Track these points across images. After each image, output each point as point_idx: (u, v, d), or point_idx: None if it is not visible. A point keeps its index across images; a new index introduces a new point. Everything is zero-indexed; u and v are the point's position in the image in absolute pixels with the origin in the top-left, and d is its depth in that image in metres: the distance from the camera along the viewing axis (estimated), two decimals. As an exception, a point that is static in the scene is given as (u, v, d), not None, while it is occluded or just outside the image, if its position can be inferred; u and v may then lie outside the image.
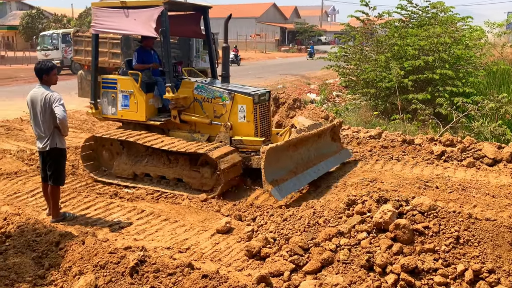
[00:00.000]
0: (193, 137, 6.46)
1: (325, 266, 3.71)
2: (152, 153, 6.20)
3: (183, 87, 6.55)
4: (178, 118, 6.46)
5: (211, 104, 6.43)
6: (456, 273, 3.44)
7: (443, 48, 12.01)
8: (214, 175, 5.76)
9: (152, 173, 6.23)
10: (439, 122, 10.03)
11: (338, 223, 4.06)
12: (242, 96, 6.24)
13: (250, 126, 6.23)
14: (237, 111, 6.26)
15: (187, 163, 5.98)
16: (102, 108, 6.90)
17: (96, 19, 6.53)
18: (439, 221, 3.82)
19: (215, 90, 6.39)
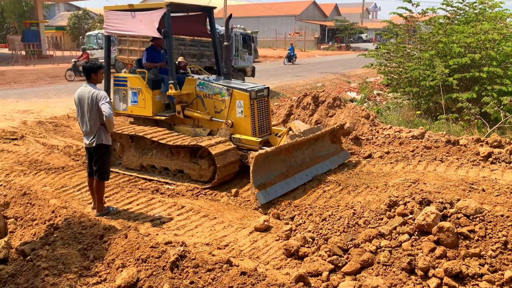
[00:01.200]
0: (196, 131, 6.82)
1: (364, 267, 3.65)
2: (157, 146, 6.56)
3: (186, 84, 6.92)
4: (182, 113, 6.85)
5: (211, 100, 6.77)
6: (504, 279, 3.30)
7: (491, 45, 11.52)
8: (211, 167, 6.10)
9: (157, 165, 6.62)
10: (485, 122, 9.63)
11: (378, 225, 3.99)
12: (239, 92, 6.52)
13: (247, 121, 6.50)
14: (236, 107, 6.56)
15: (187, 156, 6.34)
16: (115, 104, 7.26)
17: (108, 21, 6.93)
18: (485, 225, 3.68)
19: (215, 86, 6.71)
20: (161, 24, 6.34)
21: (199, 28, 7.83)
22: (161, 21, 6.33)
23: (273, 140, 6.80)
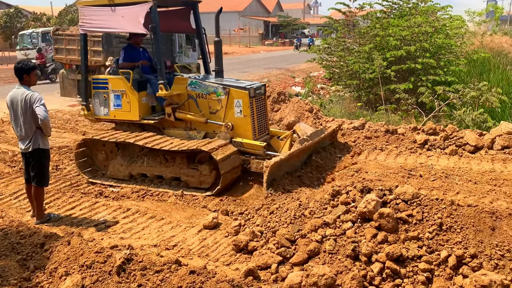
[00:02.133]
0: (189, 134, 6.37)
1: (311, 257, 3.75)
2: (148, 153, 6.10)
3: (176, 84, 6.42)
4: (173, 116, 6.34)
5: (206, 100, 6.32)
6: (440, 259, 3.50)
7: (424, 37, 12.12)
8: (213, 172, 5.72)
9: (148, 173, 6.16)
10: (421, 112, 10.15)
11: (323, 214, 4.10)
12: (237, 91, 6.14)
13: (247, 121, 6.12)
14: (233, 106, 6.16)
15: (184, 162, 5.90)
16: (94, 109, 6.72)
17: (83, 18, 6.38)
18: (422, 209, 3.88)
19: (209, 85, 6.28)
20: (146, 19, 5.87)
21: (183, 23, 7.30)
22: (146, 16, 5.84)
23: (275, 143, 6.51)
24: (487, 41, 19.62)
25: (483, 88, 9.48)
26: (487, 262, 3.45)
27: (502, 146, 6.86)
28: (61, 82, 13.64)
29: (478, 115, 8.86)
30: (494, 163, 6.49)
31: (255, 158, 6.00)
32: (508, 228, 3.69)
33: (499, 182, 5.81)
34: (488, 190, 5.49)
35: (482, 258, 3.49)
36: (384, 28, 12.50)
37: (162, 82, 6.12)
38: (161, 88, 6.13)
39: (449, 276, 3.40)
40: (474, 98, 9.40)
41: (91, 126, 9.84)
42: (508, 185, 5.71)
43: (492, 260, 3.46)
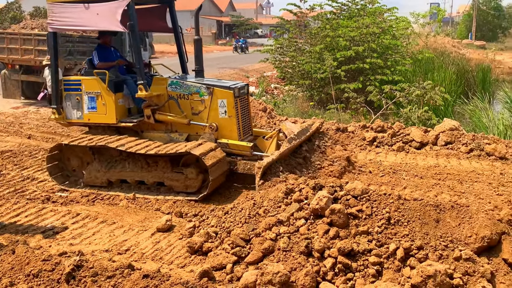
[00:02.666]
0: (171, 137, 6.10)
1: (266, 255, 3.78)
2: (128, 158, 5.79)
3: (155, 85, 6.14)
4: (153, 118, 6.06)
5: (188, 101, 6.08)
6: (389, 252, 3.62)
7: (372, 38, 12.56)
8: (200, 176, 5.52)
9: (129, 179, 5.84)
10: (370, 110, 10.50)
11: (277, 212, 4.14)
12: (221, 90, 5.96)
13: (232, 121, 5.94)
14: (217, 107, 5.96)
15: (168, 165, 5.64)
16: (66, 112, 6.31)
17: (53, 15, 5.96)
18: (371, 204, 4.00)
19: (192, 85, 6.05)
20: (123, 17, 5.57)
21: (158, 22, 7.02)
22: (122, 14, 5.54)
23: (260, 143, 6.29)
24: (431, 41, 20.59)
25: (427, 87, 9.95)
26: (432, 253, 3.60)
27: (445, 142, 7.21)
28: (3, 83, 12.95)
29: (423, 113, 9.29)
30: (438, 158, 6.82)
31: (241, 159, 5.86)
32: (451, 220, 3.88)
33: (443, 176, 6.12)
34: (433, 184, 5.77)
35: (427, 249, 3.64)
36: (334, 29, 12.84)
37: (141, 83, 5.83)
38: (141, 88, 5.84)
39: (398, 268, 3.53)
40: (419, 97, 9.84)
41: (36, 129, 9.42)
42: (451, 179, 6.03)
43: (437, 251, 3.63)
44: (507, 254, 3.59)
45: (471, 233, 3.70)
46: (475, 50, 27.33)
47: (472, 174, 6.14)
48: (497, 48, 30.99)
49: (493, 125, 9.61)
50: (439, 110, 10.63)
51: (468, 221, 3.81)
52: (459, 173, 6.18)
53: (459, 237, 3.73)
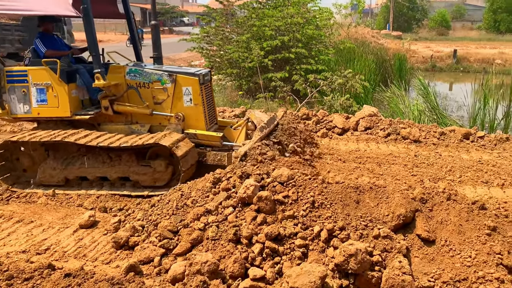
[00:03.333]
0: (132, 129, 5.79)
1: (195, 245, 3.76)
2: (88, 153, 5.43)
3: (111, 73, 5.76)
4: (111, 109, 5.70)
5: (149, 90, 5.76)
6: (314, 234, 3.76)
7: (297, 28, 12.82)
8: (169, 168, 5.30)
9: (90, 176, 5.48)
10: (296, 98, 10.77)
11: (205, 202, 4.13)
12: (185, 77, 5.69)
13: (198, 109, 5.70)
14: (182, 95, 5.70)
15: (133, 159, 5.35)
16: (11, 107, 5.76)
17: None
18: (297, 189, 4.11)
19: (152, 73, 5.72)
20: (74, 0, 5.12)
21: (109, 8, 6.55)
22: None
23: (228, 132, 6.09)
24: (352, 32, 21.46)
25: (348, 76, 10.38)
26: (353, 233, 3.79)
27: (365, 127, 7.60)
28: None
29: (345, 100, 9.69)
30: (358, 143, 7.17)
31: (211, 150, 5.68)
32: (370, 200, 4.10)
33: (363, 159, 6.45)
34: (354, 168, 6.06)
35: (349, 229, 3.83)
36: (260, 18, 12.93)
37: (98, 71, 5.46)
38: (98, 77, 5.47)
39: (322, 249, 3.68)
40: (341, 85, 10.25)
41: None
42: (371, 162, 6.37)
43: (358, 230, 3.82)
44: (420, 230, 3.86)
45: (388, 212, 3.93)
46: (393, 40, 28.98)
47: (390, 157, 6.54)
48: (412, 38, 33.08)
49: (409, 111, 10.27)
50: (359, 98, 11.15)
51: (386, 201, 4.05)
52: (377, 156, 6.55)
53: (378, 216, 3.95)
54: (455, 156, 6.57)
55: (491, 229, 3.85)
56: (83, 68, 5.91)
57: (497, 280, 3.52)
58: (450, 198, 4.02)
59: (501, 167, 6.06)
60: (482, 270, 3.59)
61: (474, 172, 5.90)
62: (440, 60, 25.42)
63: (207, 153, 5.57)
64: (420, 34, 41.87)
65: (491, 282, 3.51)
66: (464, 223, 3.89)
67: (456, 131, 7.46)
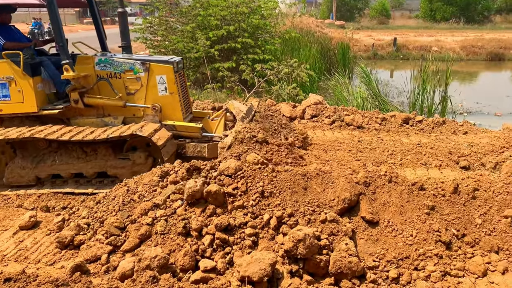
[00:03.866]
0: (105, 122, 5.57)
1: (143, 241, 3.69)
2: (59, 149, 5.18)
3: (80, 64, 5.51)
4: (81, 102, 5.45)
5: (121, 80, 5.55)
6: (263, 222, 3.80)
7: (242, 18, 12.78)
8: (149, 160, 5.15)
9: (63, 173, 5.23)
10: (244, 88, 10.77)
11: (153, 196, 4.06)
12: (159, 66, 5.52)
13: (174, 98, 5.53)
14: (156, 84, 5.51)
15: (110, 152, 5.16)
16: None
17: None
18: (246, 180, 4.13)
19: (124, 62, 5.51)
20: None
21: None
22: None
23: (206, 124, 5.94)
24: (297, 21, 21.66)
25: (294, 65, 10.52)
26: (301, 219, 3.88)
27: (311, 115, 7.75)
28: None
29: (292, 89, 9.82)
30: (306, 130, 7.30)
31: (190, 141, 5.53)
32: (317, 186, 4.20)
33: (311, 146, 6.58)
34: (302, 154, 6.16)
35: (297, 215, 3.91)
36: (205, 8, 12.76)
37: (67, 62, 5.22)
38: (67, 69, 5.23)
39: (272, 236, 3.74)
40: (288, 74, 10.36)
41: None
42: (318, 149, 6.52)
43: (306, 216, 3.91)
44: (364, 212, 4.01)
45: (334, 197, 4.05)
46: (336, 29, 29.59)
47: (335, 143, 6.72)
48: (354, 27, 33.96)
49: (353, 98, 10.58)
50: (305, 86, 11.33)
51: (331, 186, 4.16)
52: (324, 143, 6.71)
53: (324, 201, 4.06)
54: (396, 140, 6.86)
55: (430, 208, 4.07)
56: (47, 60, 5.64)
57: (436, 256, 3.74)
58: (391, 180, 4.20)
59: (438, 149, 6.41)
60: (422, 247, 3.79)
61: (414, 154, 6.19)
62: (381, 48, 26.31)
63: (187, 145, 5.49)
64: (362, 23, 43.05)
65: (431, 258, 3.72)
66: (405, 203, 4.08)
67: (396, 116, 7.79)
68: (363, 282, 3.49)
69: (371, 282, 3.48)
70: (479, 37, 28.72)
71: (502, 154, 6.09)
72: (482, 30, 35.55)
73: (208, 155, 5.33)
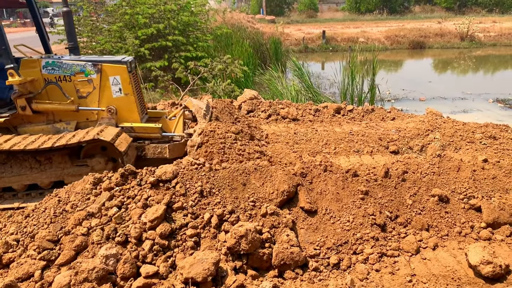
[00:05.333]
0: (56, 128, 5.21)
1: (79, 252, 3.53)
2: (8, 160, 4.80)
3: (24, 68, 5.11)
4: (29, 108, 5.08)
5: (71, 83, 5.23)
6: (204, 221, 3.77)
7: (172, 15, 12.56)
8: (109, 164, 4.92)
9: (15, 185, 4.86)
10: (178, 87, 10.60)
11: (87, 205, 3.88)
12: (112, 66, 5.23)
13: (130, 99, 5.27)
14: (109, 85, 5.24)
15: (66, 160, 4.87)
16: None
17: None
18: (184, 183, 4.07)
19: (74, 64, 5.17)
20: None
21: None
22: None
23: (165, 124, 5.68)
24: (228, 17, 21.67)
25: (227, 61, 10.51)
26: (242, 214, 3.90)
27: (247, 110, 7.79)
28: None
29: (227, 85, 9.81)
30: (243, 126, 7.32)
31: (149, 143, 5.29)
32: (256, 181, 4.24)
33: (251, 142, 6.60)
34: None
35: (238, 212, 3.93)
36: (132, 6, 12.39)
37: (11, 67, 4.85)
38: (12, 74, 4.86)
39: (214, 235, 3.72)
40: (222, 71, 10.33)
41: None
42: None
43: (247, 211, 3.94)
44: (303, 202, 4.11)
45: (273, 190, 4.11)
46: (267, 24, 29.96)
47: (273, 136, 6.81)
48: (285, 22, 34.58)
49: (287, 91, 10.77)
50: (240, 82, 11.37)
51: (270, 179, 4.21)
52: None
53: (264, 195, 4.11)
54: (329, 130, 7.08)
55: (364, 193, 4.25)
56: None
57: (373, 239, 3.91)
58: (326, 169, 4.33)
59: (369, 136, 6.69)
60: (359, 232, 3.95)
61: (346, 143, 6.42)
62: (312, 41, 27.00)
63: (146, 147, 5.32)
64: (292, 17, 43.92)
65: (368, 242, 3.89)
66: (340, 191, 4.22)
67: (329, 107, 8.03)
68: (306, 271, 3.58)
69: (314, 270, 3.57)
70: (401, 27, 30.36)
71: (427, 137, 6.48)
72: (404, 20, 37.62)
73: (170, 156, 5.22)
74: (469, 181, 4.57)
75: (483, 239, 4.02)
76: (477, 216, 4.25)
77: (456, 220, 4.23)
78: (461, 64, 20.81)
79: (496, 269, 3.41)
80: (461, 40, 26.94)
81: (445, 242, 4.01)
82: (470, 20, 27.11)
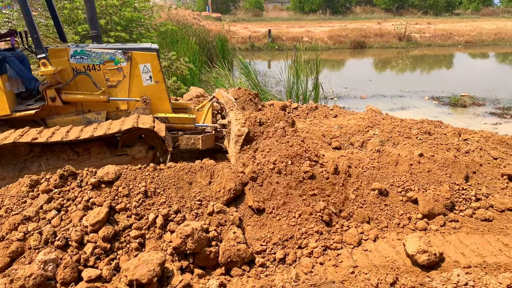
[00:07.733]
0: (87, 118, 5.06)
1: (15, 259, 3.35)
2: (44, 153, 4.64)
3: (53, 58, 4.84)
4: (59, 99, 4.89)
5: (100, 72, 5.06)
6: (149, 222, 3.71)
7: (114, 10, 12.17)
8: (150, 153, 4.90)
9: None
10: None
11: (23, 209, 3.69)
12: (142, 54, 5.10)
13: (161, 87, 5.18)
14: (140, 73, 5.11)
15: (105, 150, 4.79)
16: None
17: None
18: (127, 183, 3.96)
19: (103, 52, 4.99)
20: None
21: None
22: None
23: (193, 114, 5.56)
24: (173, 14, 21.34)
25: (173, 58, 10.37)
26: (189, 214, 3.86)
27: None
28: None
29: (173, 83, 9.67)
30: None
31: (183, 134, 5.16)
32: (202, 179, 4.22)
33: (195, 141, 6.55)
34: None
35: (184, 211, 3.89)
36: (71, 0, 11.87)
37: (44, 56, 4.63)
38: (44, 64, 4.65)
39: (159, 235, 3.66)
40: (167, 68, 10.17)
41: None
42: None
43: (193, 210, 3.91)
44: (251, 201, 4.14)
45: (219, 188, 4.11)
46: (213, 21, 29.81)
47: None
48: (231, 20, 34.60)
49: (234, 89, 10.77)
50: (186, 79, 11.25)
51: (216, 178, 4.21)
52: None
53: (211, 194, 4.10)
54: (276, 127, 7.17)
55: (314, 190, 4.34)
56: (11, 56, 4.90)
57: (317, 233, 4.01)
58: (280, 172, 4.39)
59: (313, 133, 6.86)
60: (305, 226, 4.04)
61: (292, 140, 6.53)
62: (258, 40, 27.22)
63: (179, 138, 5.23)
64: (238, 15, 44.01)
65: (312, 236, 3.99)
66: (292, 190, 4.29)
67: (275, 105, 8.14)
68: (252, 267, 3.61)
69: (260, 266, 3.61)
70: (343, 27, 31.32)
71: (367, 133, 6.74)
72: (346, 21, 38.84)
73: (202, 147, 5.20)
74: (406, 175, 4.81)
75: (420, 229, 4.25)
76: (414, 208, 4.49)
77: (395, 212, 4.44)
78: (399, 63, 21.83)
79: (431, 258, 3.62)
80: (399, 40, 28.25)
81: (385, 233, 4.19)
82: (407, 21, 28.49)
